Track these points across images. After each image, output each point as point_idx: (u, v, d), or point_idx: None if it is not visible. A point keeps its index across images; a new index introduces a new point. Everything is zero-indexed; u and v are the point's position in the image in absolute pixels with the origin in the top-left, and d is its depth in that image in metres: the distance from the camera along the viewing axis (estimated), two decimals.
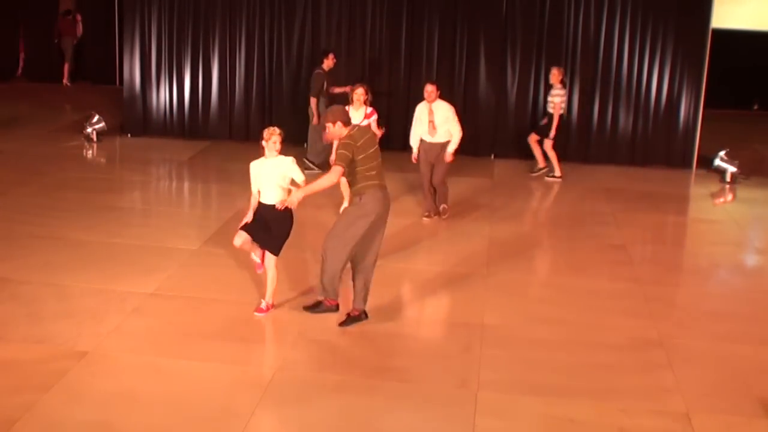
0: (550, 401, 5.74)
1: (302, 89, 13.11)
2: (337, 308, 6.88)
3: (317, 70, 11.41)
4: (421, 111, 9.49)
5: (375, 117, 9.40)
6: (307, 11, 13.03)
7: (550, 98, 11.44)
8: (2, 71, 18.26)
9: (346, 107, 8.42)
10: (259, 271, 7.18)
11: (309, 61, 13.11)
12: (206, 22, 13.26)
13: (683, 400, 5.83)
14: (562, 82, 11.43)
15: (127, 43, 13.47)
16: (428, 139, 9.43)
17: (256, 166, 6.90)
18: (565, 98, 11.48)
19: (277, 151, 6.78)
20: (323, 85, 11.29)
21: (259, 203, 6.87)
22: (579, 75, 12.67)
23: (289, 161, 6.83)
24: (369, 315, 6.83)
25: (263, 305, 6.94)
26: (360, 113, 9.26)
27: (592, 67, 12.64)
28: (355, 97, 9.36)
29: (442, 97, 9.44)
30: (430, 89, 9.36)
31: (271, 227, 6.79)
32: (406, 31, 12.87)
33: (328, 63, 11.39)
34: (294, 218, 6.85)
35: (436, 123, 9.33)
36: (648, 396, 5.89)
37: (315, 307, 6.93)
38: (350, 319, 6.78)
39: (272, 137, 6.76)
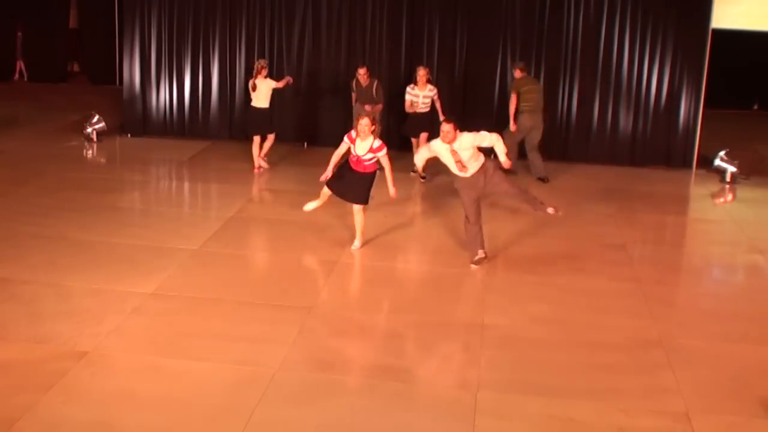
0: (550, 401, 5.74)
1: (303, 89, 13.15)
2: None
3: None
4: (440, 151, 8.03)
5: (384, 152, 8.23)
6: (307, 11, 13.02)
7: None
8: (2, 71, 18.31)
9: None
10: None
11: (309, 60, 13.13)
12: (206, 22, 13.27)
13: (683, 400, 5.83)
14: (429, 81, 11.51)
15: (127, 43, 13.47)
16: (463, 174, 8.08)
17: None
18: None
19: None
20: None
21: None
22: (579, 75, 12.68)
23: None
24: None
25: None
26: (366, 144, 8.22)
27: (592, 67, 12.64)
28: (360, 128, 8.15)
29: (457, 130, 7.87)
30: (447, 129, 7.81)
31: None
32: (406, 31, 12.88)
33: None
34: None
35: (464, 161, 7.95)
36: (648, 396, 5.89)
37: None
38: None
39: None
